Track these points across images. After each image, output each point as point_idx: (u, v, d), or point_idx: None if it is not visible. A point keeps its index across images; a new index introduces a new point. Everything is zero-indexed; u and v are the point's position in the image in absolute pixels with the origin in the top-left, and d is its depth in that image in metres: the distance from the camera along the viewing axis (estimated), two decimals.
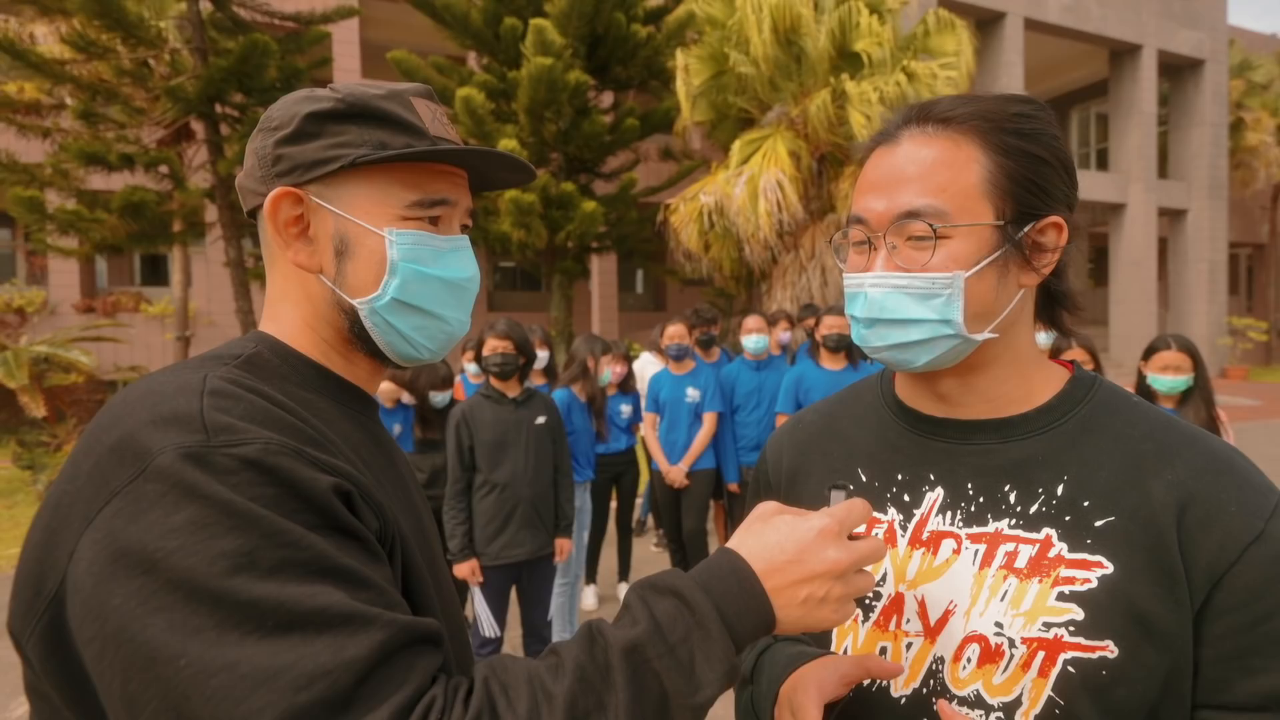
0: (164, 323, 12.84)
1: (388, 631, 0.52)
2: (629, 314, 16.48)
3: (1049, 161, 0.70)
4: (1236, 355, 18.09)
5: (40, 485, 7.01)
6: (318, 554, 0.53)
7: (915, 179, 0.70)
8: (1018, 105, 0.72)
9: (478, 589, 2.99)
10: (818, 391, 3.95)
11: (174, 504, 0.51)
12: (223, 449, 0.54)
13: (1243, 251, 22.13)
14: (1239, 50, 19.28)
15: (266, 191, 0.68)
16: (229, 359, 0.65)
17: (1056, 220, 0.71)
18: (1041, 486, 0.70)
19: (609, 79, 10.48)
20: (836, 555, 0.61)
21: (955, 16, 9.78)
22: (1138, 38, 16.20)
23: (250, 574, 0.50)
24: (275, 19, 8.94)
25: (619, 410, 4.40)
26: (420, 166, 0.71)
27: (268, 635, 0.49)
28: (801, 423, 0.93)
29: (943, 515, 0.74)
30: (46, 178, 7.85)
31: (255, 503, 0.52)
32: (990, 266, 0.69)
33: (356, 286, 0.70)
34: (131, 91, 8.03)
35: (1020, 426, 0.74)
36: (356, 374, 0.75)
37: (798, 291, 9.09)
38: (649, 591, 0.60)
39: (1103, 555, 0.66)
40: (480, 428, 2.99)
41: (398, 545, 0.66)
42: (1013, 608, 0.68)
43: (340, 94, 0.69)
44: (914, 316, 0.70)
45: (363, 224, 0.69)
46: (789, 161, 8.78)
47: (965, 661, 0.69)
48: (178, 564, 0.49)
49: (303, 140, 0.68)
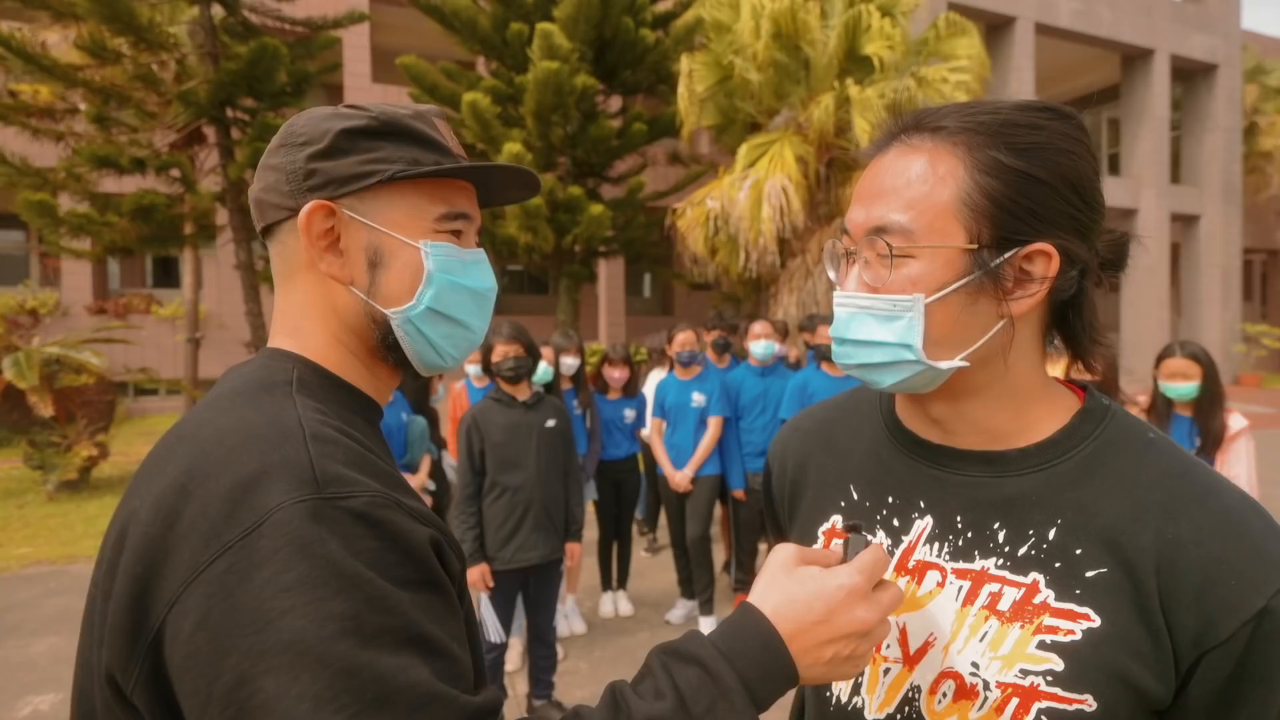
0: (175, 324, 12.93)
1: (463, 715, 0.54)
2: (636, 318, 16.48)
3: (1046, 181, 0.63)
4: (1250, 362, 17.89)
5: (50, 485, 7.06)
6: (409, 621, 0.55)
7: (890, 192, 0.66)
8: (1021, 115, 0.64)
9: (484, 594, 2.98)
10: (822, 397, 3.93)
11: (286, 562, 0.52)
12: (335, 501, 0.55)
13: (1257, 257, 21.91)
14: (1253, 55, 19.14)
15: (295, 205, 0.70)
16: (283, 385, 0.66)
17: (1044, 248, 0.63)
18: (1033, 529, 0.67)
19: (617, 83, 10.50)
20: (866, 615, 0.61)
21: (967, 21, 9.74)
22: (1150, 42, 16.10)
23: (355, 639, 0.51)
24: (286, 24, 9.00)
25: (622, 415, 4.39)
26: (445, 182, 0.74)
27: (362, 710, 0.50)
28: (799, 430, 0.91)
29: (930, 546, 0.72)
30: (59, 181, 7.92)
31: (360, 558, 0.54)
32: (957, 293, 0.64)
33: (390, 297, 0.72)
34: (144, 96, 8.10)
35: (1015, 463, 0.69)
36: (375, 386, 0.77)
37: (803, 296, 9.06)
38: (672, 659, 0.60)
39: (1090, 608, 0.63)
40: (491, 431, 2.99)
41: (462, 581, 0.68)
42: (991, 650, 0.66)
43: (371, 112, 0.71)
44: (875, 339, 0.67)
45: (398, 236, 0.71)
46: (795, 167, 8.75)
47: (941, 695, 0.68)
48: (290, 624, 0.50)
49: (337, 155, 0.69)
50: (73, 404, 7.52)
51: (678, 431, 4.21)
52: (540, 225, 9.14)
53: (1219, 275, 17.16)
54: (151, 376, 9.05)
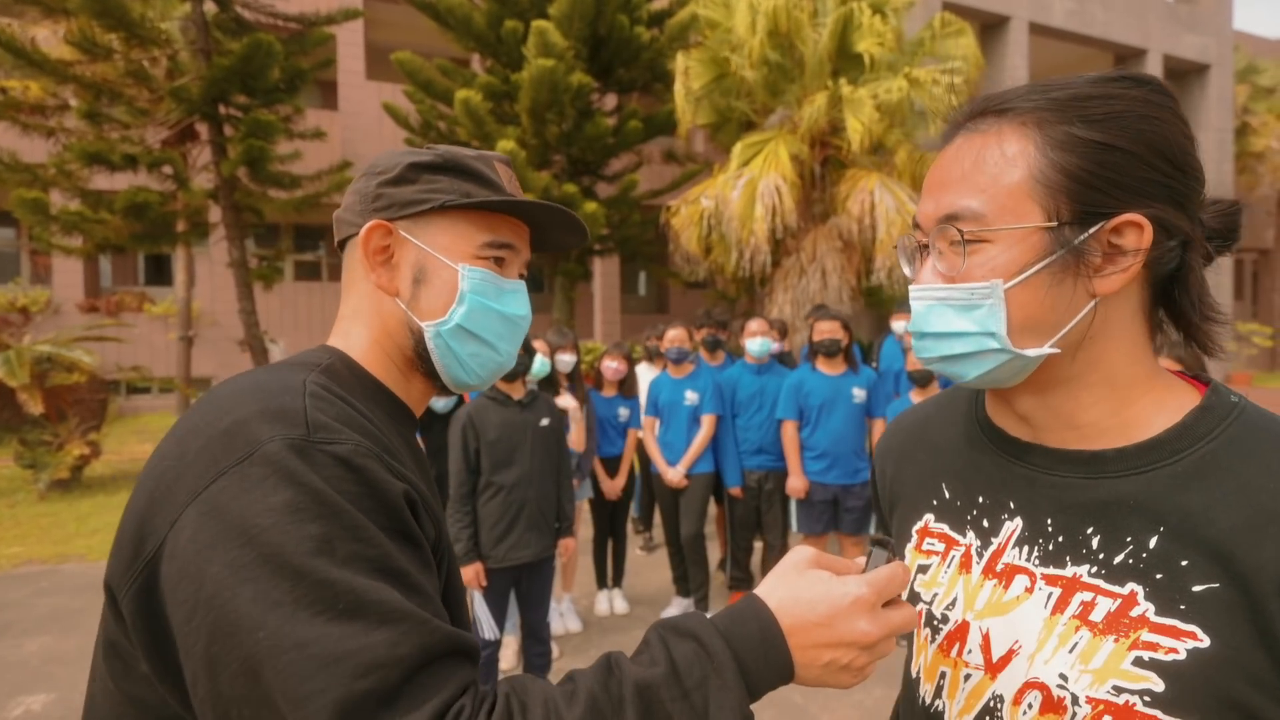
0: (167, 322, 12.86)
1: (434, 637, 0.57)
2: (631, 316, 16.46)
3: (1128, 149, 0.60)
4: (1242, 361, 18.01)
5: (41, 484, 7.01)
6: (384, 553, 0.59)
7: (958, 179, 0.64)
8: (1094, 88, 0.62)
9: (478, 592, 2.98)
10: (817, 396, 3.97)
11: (274, 486, 0.58)
12: (320, 445, 0.61)
13: (1248, 257, 22.03)
14: (1244, 55, 19.23)
15: (363, 223, 0.79)
16: (313, 366, 0.73)
17: (1133, 218, 0.60)
18: (1130, 535, 0.62)
19: (612, 81, 10.48)
20: (867, 628, 0.61)
21: (962, 20, 9.75)
22: (1142, 42, 16.17)
23: (329, 558, 0.56)
24: (279, 20, 8.96)
25: (616, 413, 4.39)
26: (494, 216, 0.82)
27: (336, 618, 0.54)
28: (900, 427, 0.90)
29: (1019, 549, 0.68)
30: (50, 178, 7.86)
31: (341, 496, 0.59)
32: (1040, 274, 0.61)
33: (427, 311, 0.79)
34: (135, 92, 8.04)
35: (1113, 463, 0.64)
36: (410, 394, 0.84)
37: (797, 295, 9.05)
38: (670, 633, 0.62)
39: (1197, 625, 0.57)
40: (487, 429, 2.99)
41: (445, 556, 0.74)
42: (1081, 662, 0.62)
43: (439, 152, 0.81)
44: (956, 329, 0.65)
45: (441, 258, 0.79)
46: (790, 166, 8.74)
47: (1026, 707, 0.65)
48: (270, 539, 0.56)
49: (402, 184, 0.79)
50: (64, 402, 7.46)
51: (671, 429, 4.22)
52: None
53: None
54: (144, 375, 8.99)
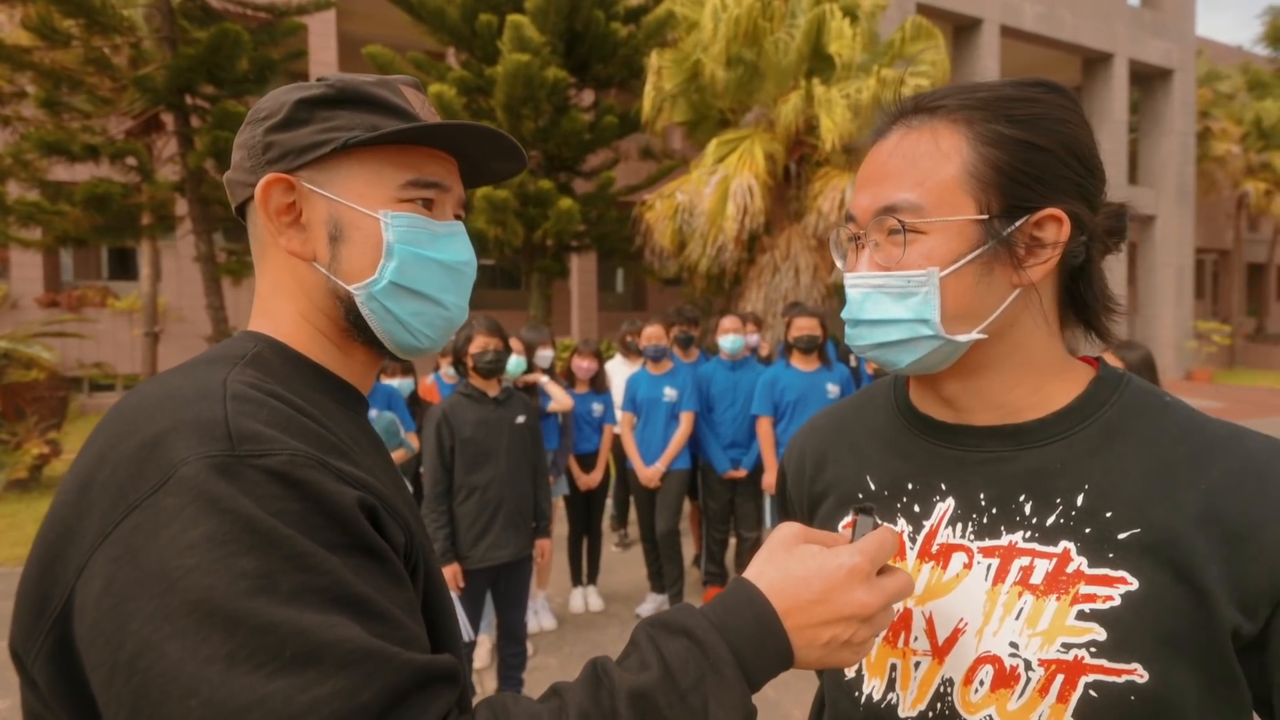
0: (132, 318, 12.53)
1: (402, 674, 0.50)
2: (609, 313, 16.44)
3: (1048, 148, 0.65)
4: (1202, 358, 18.53)
5: None
6: (337, 580, 0.51)
7: (895, 173, 0.67)
8: (1016, 90, 0.67)
9: (454, 593, 2.95)
10: (792, 392, 3.99)
11: (193, 518, 0.48)
12: (249, 459, 0.52)
13: (1208, 257, 22.69)
14: (1206, 61, 19.77)
15: (256, 181, 0.67)
16: (234, 359, 0.62)
17: (1054, 213, 0.65)
18: (1059, 496, 0.65)
19: (589, 77, 10.43)
20: (866, 598, 0.57)
21: (933, 24, 9.88)
22: (1109, 46, 16.52)
23: (269, 597, 0.47)
24: (248, 9, 8.78)
25: (590, 408, 4.37)
26: (412, 150, 0.69)
27: (282, 669, 0.46)
28: (815, 428, 0.89)
29: (953, 527, 0.70)
30: (6, 168, 7.62)
31: (279, 519, 0.50)
32: (972, 264, 0.65)
33: (352, 272, 0.68)
34: (97, 81, 7.82)
35: (1036, 433, 0.69)
36: (352, 369, 0.73)
37: (770, 291, 9.11)
38: (659, 630, 0.56)
39: (1126, 570, 0.61)
40: (462, 427, 2.94)
41: (420, 559, 0.64)
42: (1029, 626, 0.64)
43: (330, 81, 0.69)
44: (891, 316, 0.67)
45: (357, 207, 0.67)
46: (764, 164, 8.79)
47: (978, 684, 0.65)
48: (196, 583, 0.47)
49: (293, 126, 0.67)
50: (22, 400, 7.25)
51: (649, 425, 4.21)
52: (508, 219, 9.04)
53: (1173, 274, 17.72)
54: (107, 372, 8.78)
